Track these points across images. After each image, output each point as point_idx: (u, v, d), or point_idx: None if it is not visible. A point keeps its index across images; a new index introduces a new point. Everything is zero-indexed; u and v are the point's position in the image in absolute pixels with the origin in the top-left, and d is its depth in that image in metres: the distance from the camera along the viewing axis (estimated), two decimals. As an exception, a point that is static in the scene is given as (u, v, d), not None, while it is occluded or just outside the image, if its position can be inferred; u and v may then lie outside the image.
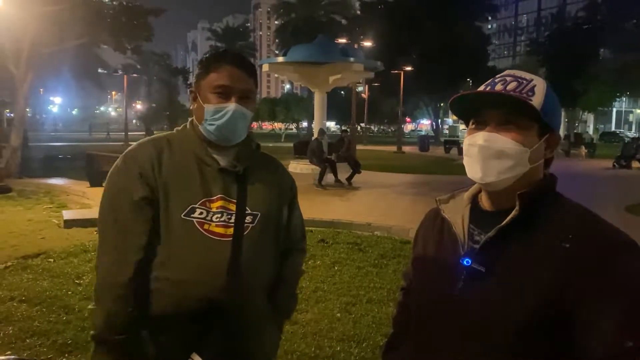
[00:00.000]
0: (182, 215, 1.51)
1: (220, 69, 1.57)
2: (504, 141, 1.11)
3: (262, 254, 1.62)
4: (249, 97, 1.60)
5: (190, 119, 1.68)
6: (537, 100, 1.13)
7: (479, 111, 1.17)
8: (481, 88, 1.20)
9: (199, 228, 1.52)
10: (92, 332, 1.54)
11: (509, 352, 1.06)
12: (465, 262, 1.14)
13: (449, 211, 1.26)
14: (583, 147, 29.97)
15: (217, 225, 1.54)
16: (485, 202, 1.22)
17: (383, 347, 1.50)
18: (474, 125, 1.18)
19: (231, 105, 1.56)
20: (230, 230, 1.55)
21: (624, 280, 1.00)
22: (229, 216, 1.56)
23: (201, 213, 1.53)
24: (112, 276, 1.50)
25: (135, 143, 1.65)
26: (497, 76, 1.20)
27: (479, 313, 1.09)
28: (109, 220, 1.54)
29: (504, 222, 1.11)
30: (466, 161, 1.19)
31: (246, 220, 1.58)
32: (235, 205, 1.57)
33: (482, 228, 1.17)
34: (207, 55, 1.66)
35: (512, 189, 1.13)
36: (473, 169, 1.16)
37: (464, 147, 1.21)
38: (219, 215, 1.54)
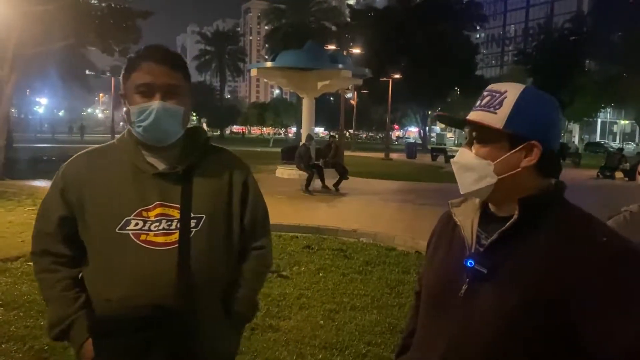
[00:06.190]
0: (117, 230, 1.47)
1: (140, 66, 1.48)
2: (468, 156, 1.21)
3: (209, 259, 1.53)
4: (176, 92, 1.50)
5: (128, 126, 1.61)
6: (502, 113, 1.16)
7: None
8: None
9: (135, 240, 1.46)
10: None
11: (503, 353, 1.09)
12: (468, 264, 1.18)
13: (460, 214, 1.30)
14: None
15: (156, 235, 1.47)
16: (492, 207, 1.27)
17: (396, 350, 1.52)
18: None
19: (154, 104, 1.46)
20: (172, 238, 1.48)
21: (625, 282, 1.04)
22: (169, 223, 1.49)
23: (137, 224, 1.47)
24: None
25: (72, 156, 1.62)
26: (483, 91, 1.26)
27: (478, 313, 1.13)
28: (34, 230, 1.64)
29: (505, 226, 1.15)
30: None
31: (190, 225, 1.50)
32: (176, 210, 1.50)
33: (489, 232, 1.21)
34: (130, 55, 1.56)
35: (516, 194, 1.16)
36: (457, 181, 1.24)
37: None
38: (157, 224, 1.48)
